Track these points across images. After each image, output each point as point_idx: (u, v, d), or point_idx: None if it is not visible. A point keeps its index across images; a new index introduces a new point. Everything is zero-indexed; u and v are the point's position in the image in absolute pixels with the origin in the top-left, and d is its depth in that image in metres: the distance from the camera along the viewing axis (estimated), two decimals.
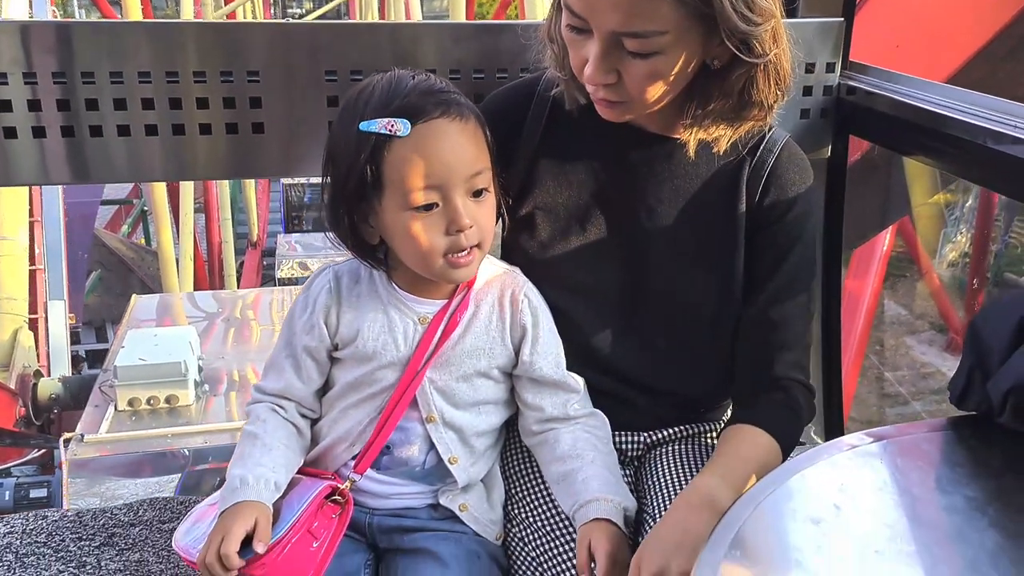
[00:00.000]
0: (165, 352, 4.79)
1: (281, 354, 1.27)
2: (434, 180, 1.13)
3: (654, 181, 1.30)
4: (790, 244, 1.29)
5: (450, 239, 1.16)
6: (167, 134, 1.51)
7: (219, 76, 1.50)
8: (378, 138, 1.13)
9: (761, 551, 0.79)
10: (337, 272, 1.27)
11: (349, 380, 1.25)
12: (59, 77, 1.45)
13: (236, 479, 1.17)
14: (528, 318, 1.27)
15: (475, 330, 1.25)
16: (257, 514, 1.13)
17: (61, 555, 1.46)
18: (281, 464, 1.20)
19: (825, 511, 0.82)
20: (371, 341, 1.22)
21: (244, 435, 1.25)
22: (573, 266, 1.34)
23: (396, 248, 1.21)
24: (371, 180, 1.14)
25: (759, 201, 1.29)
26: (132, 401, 4.69)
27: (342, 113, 1.19)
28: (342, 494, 1.23)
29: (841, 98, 1.73)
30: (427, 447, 1.26)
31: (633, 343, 1.36)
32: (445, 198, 1.15)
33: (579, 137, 1.32)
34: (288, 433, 1.25)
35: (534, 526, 1.29)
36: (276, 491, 1.18)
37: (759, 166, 1.29)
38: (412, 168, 1.13)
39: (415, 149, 1.13)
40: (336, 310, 1.24)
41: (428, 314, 1.24)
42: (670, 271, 1.32)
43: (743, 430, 1.25)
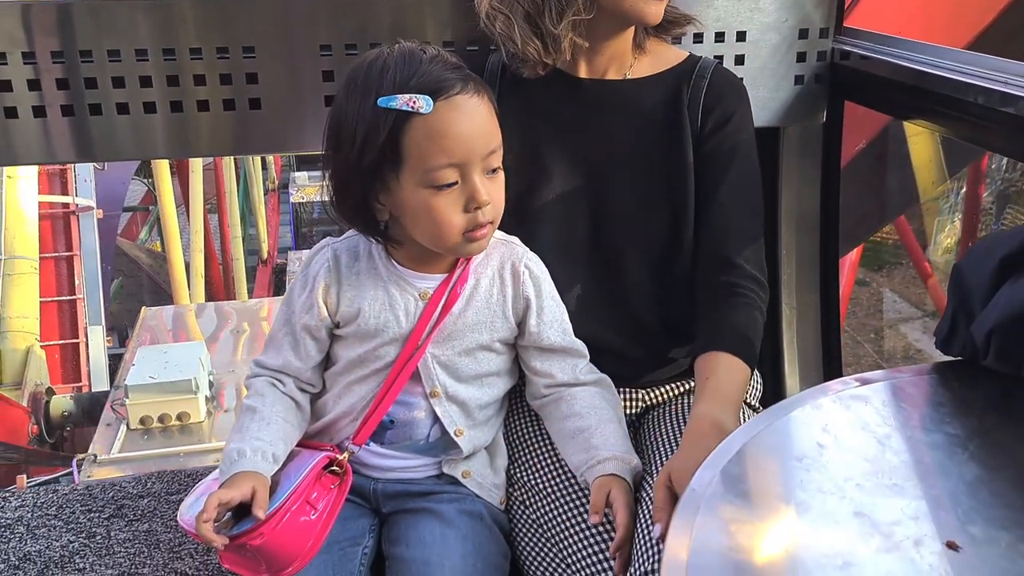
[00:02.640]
0: (176, 369, 4.82)
1: (280, 331, 1.28)
2: (455, 158, 1.13)
3: (606, 123, 1.38)
4: (731, 154, 1.37)
5: (468, 216, 1.17)
6: (166, 111, 1.53)
7: (215, 52, 1.52)
8: (399, 115, 1.11)
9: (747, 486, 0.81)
10: (336, 250, 1.27)
11: (352, 357, 1.26)
12: (57, 56, 1.48)
13: (234, 452, 1.18)
14: (531, 289, 1.28)
15: (476, 304, 1.26)
16: (254, 483, 1.14)
17: (71, 526, 1.49)
18: (279, 437, 1.22)
19: (808, 449, 0.84)
20: (372, 319, 1.23)
21: (243, 409, 1.26)
22: (543, 220, 1.38)
23: (410, 225, 1.19)
24: (390, 157, 1.13)
25: (702, 122, 1.37)
26: (144, 419, 4.73)
27: (350, 87, 1.16)
28: (340, 464, 1.24)
29: (835, 63, 1.73)
30: (431, 421, 1.28)
31: (609, 289, 1.41)
32: (464, 176, 1.15)
33: (534, 103, 1.38)
34: (286, 407, 1.26)
35: (536, 488, 1.31)
36: (274, 463, 1.19)
37: (696, 91, 1.38)
38: (434, 146, 1.12)
39: (437, 126, 1.11)
40: (336, 289, 1.24)
41: (428, 289, 1.25)
42: (630, 207, 1.39)
43: (718, 358, 1.28)
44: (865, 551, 0.71)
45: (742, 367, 1.28)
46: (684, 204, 1.39)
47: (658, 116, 1.39)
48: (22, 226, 7.56)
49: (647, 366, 1.46)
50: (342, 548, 1.25)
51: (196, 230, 9.81)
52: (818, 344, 1.96)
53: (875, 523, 0.74)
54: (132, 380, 4.76)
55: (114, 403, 5.00)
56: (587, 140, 1.40)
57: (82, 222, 8.02)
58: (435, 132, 1.11)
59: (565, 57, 1.33)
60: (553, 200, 1.40)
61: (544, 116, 1.40)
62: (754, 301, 1.35)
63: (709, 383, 1.26)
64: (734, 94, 1.40)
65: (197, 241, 9.79)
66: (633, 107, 1.40)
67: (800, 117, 1.77)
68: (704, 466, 0.79)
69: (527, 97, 1.40)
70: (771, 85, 1.73)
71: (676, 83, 1.39)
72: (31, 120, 1.49)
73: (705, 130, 1.37)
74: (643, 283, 1.42)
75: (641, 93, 1.40)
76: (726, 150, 1.38)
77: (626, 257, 1.41)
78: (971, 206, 6.16)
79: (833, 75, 1.74)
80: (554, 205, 1.40)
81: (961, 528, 0.72)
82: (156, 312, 7.20)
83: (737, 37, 1.68)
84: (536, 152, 1.40)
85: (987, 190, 8.13)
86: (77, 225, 7.98)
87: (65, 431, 6.83)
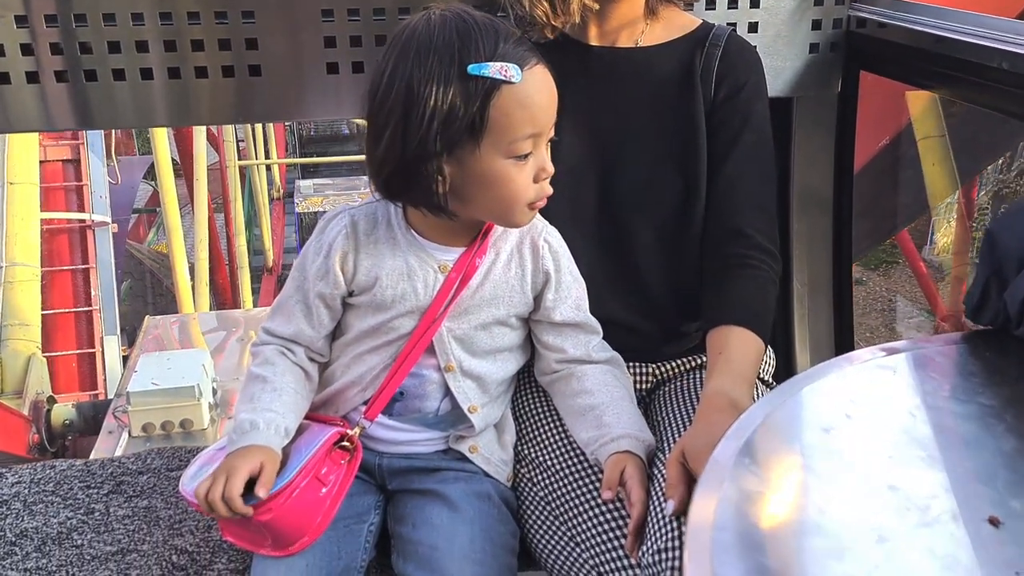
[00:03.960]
0: (178, 375, 4.73)
1: (292, 299, 1.24)
2: (536, 128, 1.12)
3: (618, 91, 1.36)
4: (743, 123, 1.34)
5: (537, 187, 1.16)
6: (163, 78, 1.49)
7: (213, 17, 1.47)
8: (492, 83, 1.08)
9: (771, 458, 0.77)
10: (354, 216, 1.23)
11: (364, 327, 1.23)
12: (51, 21, 1.43)
13: (246, 422, 1.15)
14: (551, 263, 1.26)
15: (494, 278, 1.23)
16: (264, 458, 1.11)
17: (69, 502, 1.46)
18: (291, 409, 1.19)
19: (836, 420, 0.80)
20: (390, 289, 1.20)
21: (251, 377, 1.22)
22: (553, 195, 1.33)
23: (476, 196, 1.14)
24: (478, 126, 1.09)
25: (715, 90, 1.34)
26: (146, 427, 4.65)
27: (416, 53, 1.09)
28: (351, 440, 1.21)
29: (851, 31, 1.68)
30: (441, 394, 1.25)
31: (618, 262, 1.38)
32: (536, 146, 1.14)
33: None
34: (296, 377, 1.22)
35: (544, 465, 1.28)
36: (285, 437, 1.16)
37: (710, 58, 1.35)
38: (521, 115, 1.10)
39: (525, 96, 1.10)
40: (353, 256, 1.21)
41: (448, 262, 1.21)
42: (640, 175, 1.36)
43: (730, 332, 1.25)
44: (901, 526, 0.67)
45: (755, 340, 1.25)
46: (696, 174, 1.35)
47: (670, 84, 1.36)
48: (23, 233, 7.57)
49: (657, 340, 1.43)
50: (347, 524, 1.22)
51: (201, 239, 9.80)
52: (830, 321, 1.93)
53: (910, 496, 0.70)
54: (134, 387, 4.68)
55: (116, 410, 4.94)
56: (597, 109, 1.37)
57: (98, 235, 8.14)
58: (524, 101, 1.10)
59: (574, 19, 1.30)
60: (561, 171, 1.35)
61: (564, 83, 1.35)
62: (766, 273, 1.31)
63: (721, 358, 1.23)
64: (748, 62, 1.37)
65: (202, 251, 9.77)
66: (645, 75, 1.36)
67: (814, 87, 1.73)
68: (727, 437, 0.75)
69: None
70: (785, 54, 1.68)
71: (689, 51, 1.37)
72: (24, 86, 1.44)
73: (718, 98, 1.35)
74: (653, 256, 1.39)
75: (653, 61, 1.37)
76: (739, 119, 1.35)
77: (636, 229, 1.38)
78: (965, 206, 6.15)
79: (849, 43, 1.70)
80: (562, 176, 1.35)
81: (1001, 502, 0.69)
82: (159, 321, 7.17)
83: (751, 3, 1.64)
84: None
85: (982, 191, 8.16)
86: (93, 239, 8.09)
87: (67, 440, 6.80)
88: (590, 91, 1.37)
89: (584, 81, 1.36)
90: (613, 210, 1.38)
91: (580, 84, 1.36)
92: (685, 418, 1.30)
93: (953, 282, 6.24)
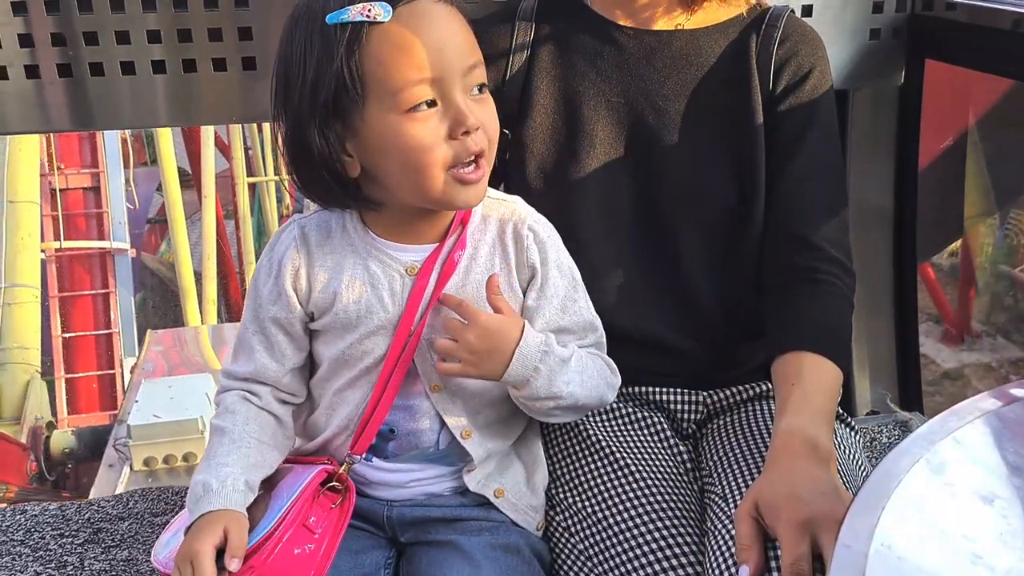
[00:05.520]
0: (181, 407, 4.63)
1: (248, 330, 1.07)
2: (428, 71, 0.94)
3: (657, 80, 1.21)
4: (809, 116, 1.19)
5: (455, 145, 0.96)
6: (146, 73, 1.33)
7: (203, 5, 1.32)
8: (352, 28, 0.92)
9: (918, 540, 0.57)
10: (303, 226, 1.06)
11: (334, 355, 1.05)
12: (52, 8, 1.29)
13: (199, 485, 0.98)
14: (536, 256, 1.07)
15: (475, 276, 1.04)
16: (226, 523, 0.95)
17: (39, 554, 1.29)
18: (253, 462, 1.02)
19: (998, 486, 0.60)
20: (352, 304, 1.02)
21: (211, 431, 1.06)
22: (583, 191, 1.21)
23: (384, 171, 0.98)
24: (349, 83, 0.93)
25: (775, 78, 1.20)
26: (148, 461, 4.55)
27: (292, 25, 0.98)
28: (340, 479, 1.04)
29: (916, 14, 1.53)
30: (438, 424, 1.07)
31: (661, 274, 1.22)
32: (443, 95, 0.95)
33: (572, 50, 1.23)
34: (261, 425, 1.05)
35: (582, 513, 1.10)
36: (248, 491, 0.99)
37: (767, 42, 1.20)
38: (400, 57, 0.93)
39: (401, 35, 0.93)
40: (306, 271, 1.04)
41: (416, 263, 1.03)
42: (686, 174, 1.21)
43: (802, 359, 1.07)
44: None
45: (832, 370, 1.08)
46: (752, 174, 1.19)
47: (720, 72, 1.20)
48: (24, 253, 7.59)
49: (708, 365, 1.25)
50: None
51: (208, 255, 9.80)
52: (891, 338, 1.76)
53: None
54: (135, 419, 4.59)
55: (117, 442, 4.81)
56: (633, 99, 1.21)
57: (117, 261, 8.39)
58: (399, 41, 0.93)
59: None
60: (596, 169, 1.21)
61: (586, 72, 1.22)
62: (839, 288, 1.15)
63: (795, 390, 1.05)
64: (811, 46, 1.21)
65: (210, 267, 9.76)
66: (690, 61, 1.21)
67: (875, 78, 1.57)
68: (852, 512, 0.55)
69: (566, 49, 1.22)
70: (842, 41, 1.53)
71: (742, 34, 1.21)
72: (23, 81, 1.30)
73: (778, 88, 1.19)
74: (702, 267, 1.21)
75: (699, 45, 1.21)
76: (804, 112, 1.19)
77: (682, 236, 1.21)
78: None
79: (913, 28, 1.54)
80: (597, 174, 1.21)
81: None
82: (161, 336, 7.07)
83: None
84: (576, 112, 1.21)
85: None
86: (113, 264, 8.33)
87: (67, 468, 6.70)
88: (624, 79, 1.21)
89: (616, 67, 1.21)
90: (655, 213, 1.21)
91: (612, 70, 1.21)
92: (745, 461, 1.11)
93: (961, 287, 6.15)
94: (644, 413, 1.22)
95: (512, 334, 1.00)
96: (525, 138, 1.22)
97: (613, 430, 1.19)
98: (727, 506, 1.04)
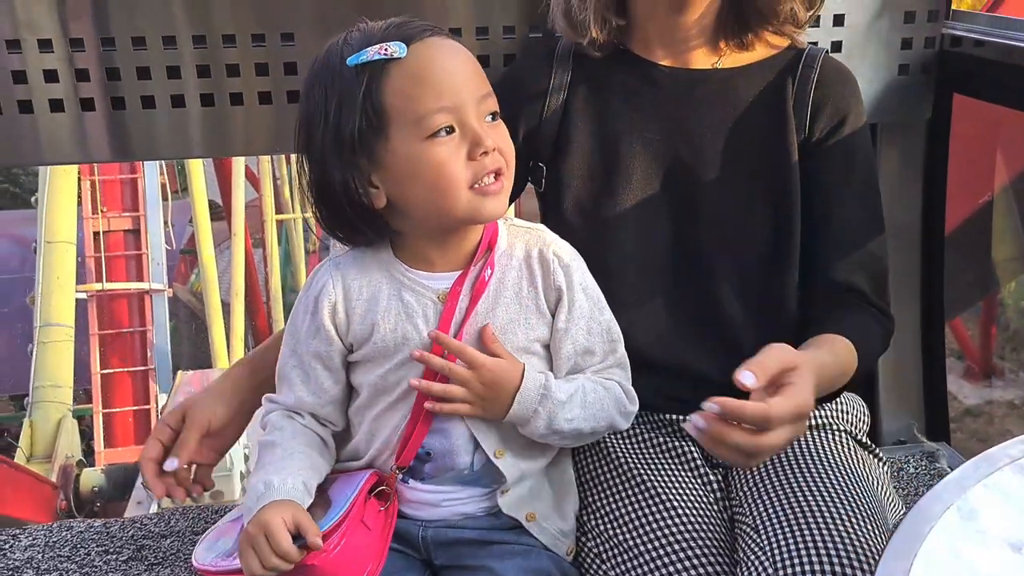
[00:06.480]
0: None
1: (287, 364, 1.12)
2: (446, 100, 1.00)
3: (694, 118, 1.23)
4: (849, 160, 1.22)
5: (474, 165, 1.01)
6: (195, 106, 1.38)
7: (251, 40, 1.37)
8: (373, 67, 0.99)
9: None
10: (338, 264, 1.11)
11: (373, 382, 1.09)
12: (108, 44, 1.34)
13: (260, 484, 1.02)
14: (562, 277, 1.10)
15: (505, 300, 1.09)
16: (292, 509, 0.98)
17: (86, 571, 1.33)
18: (307, 467, 1.06)
19: None
20: (389, 333, 1.07)
21: (261, 446, 1.10)
22: (619, 227, 1.23)
23: (411, 197, 1.03)
24: (373, 117, 0.99)
25: (812, 121, 1.22)
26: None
27: (313, 77, 1.04)
28: (388, 483, 1.09)
29: (945, 50, 1.54)
30: (472, 445, 1.10)
31: (696, 308, 1.24)
32: (460, 121, 1.01)
33: (609, 88, 1.25)
34: (309, 440, 1.10)
35: (614, 540, 1.12)
36: (307, 493, 1.03)
37: (803, 84, 1.22)
38: (419, 88, 0.99)
39: (418, 68, 1.00)
40: (344, 306, 1.09)
41: (445, 290, 1.08)
42: (723, 212, 1.23)
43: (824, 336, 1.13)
44: None
45: (850, 352, 1.13)
46: (788, 211, 1.22)
47: (757, 112, 1.23)
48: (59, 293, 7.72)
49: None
50: None
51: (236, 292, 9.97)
52: (918, 367, 1.76)
53: None
54: None
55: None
56: (669, 136, 1.24)
57: (155, 301, 8.77)
58: (417, 75, 1.00)
59: (593, 35, 1.20)
60: (633, 205, 1.24)
61: (622, 109, 1.25)
62: (879, 319, 1.21)
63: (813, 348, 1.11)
64: (847, 89, 1.24)
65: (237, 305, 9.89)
66: (726, 99, 1.23)
67: (903, 112, 1.59)
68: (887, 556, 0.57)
69: (603, 88, 1.26)
70: (871, 76, 1.54)
71: (778, 74, 1.23)
72: (47, 114, 1.34)
73: (815, 133, 1.22)
74: (737, 302, 1.24)
75: (735, 84, 1.24)
76: (842, 158, 1.22)
77: (717, 271, 1.23)
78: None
79: (942, 64, 1.55)
80: (634, 210, 1.24)
81: None
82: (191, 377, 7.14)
83: (834, 21, 1.51)
84: (613, 148, 1.24)
85: None
86: (151, 304, 8.70)
87: (95, 506, 6.77)
88: (660, 117, 1.24)
89: (653, 104, 1.24)
90: (690, 249, 1.24)
91: (649, 107, 1.23)
92: (776, 490, 1.13)
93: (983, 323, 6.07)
94: (676, 442, 1.24)
95: (513, 379, 1.05)
96: (563, 175, 1.25)
97: (645, 458, 1.22)
98: (758, 536, 1.06)
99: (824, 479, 1.12)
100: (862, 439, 1.30)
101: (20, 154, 1.41)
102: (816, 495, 1.09)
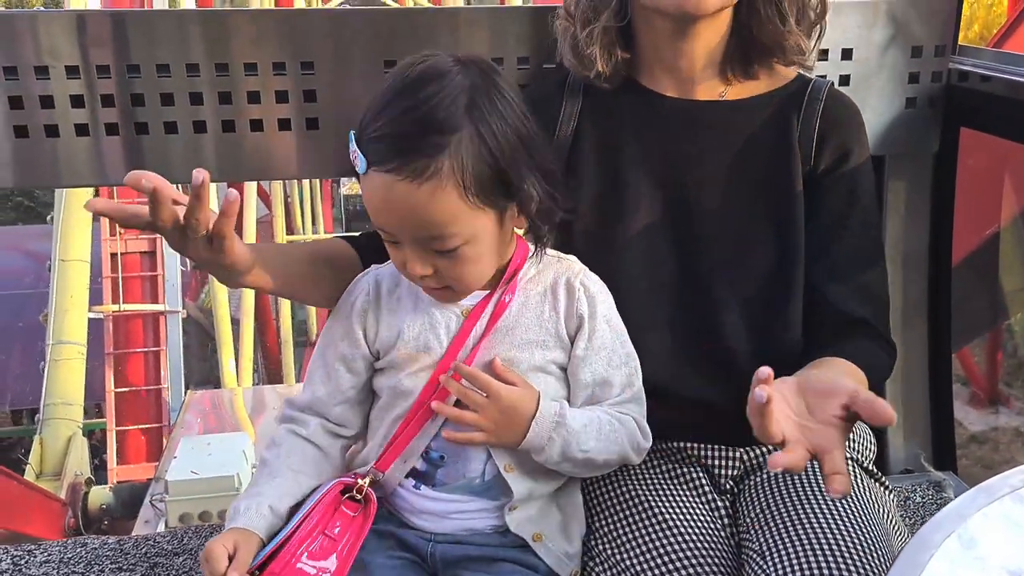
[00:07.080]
0: (218, 463, 4.67)
1: (315, 363, 1.19)
2: (384, 225, 1.06)
3: (699, 148, 1.25)
4: (852, 196, 1.23)
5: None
6: (216, 131, 1.41)
7: (271, 68, 1.40)
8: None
9: None
10: (378, 276, 1.18)
11: (393, 385, 1.14)
12: (133, 71, 1.37)
13: (232, 509, 1.10)
14: (585, 306, 1.14)
15: (525, 320, 1.13)
16: (236, 539, 1.04)
17: None
18: (284, 491, 1.11)
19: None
20: (412, 340, 1.13)
21: (259, 461, 1.19)
22: (625, 255, 1.25)
23: None
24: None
25: (816, 152, 1.23)
26: (183, 517, 4.57)
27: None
28: (359, 490, 1.11)
29: (952, 85, 1.56)
30: (485, 454, 1.13)
31: (701, 335, 1.25)
32: (398, 243, 1.07)
33: (618, 119, 1.27)
34: (302, 456, 1.15)
35: (620, 566, 1.13)
36: (272, 516, 1.09)
37: (808, 116, 1.24)
38: (369, 203, 1.06)
39: (368, 188, 1.04)
40: (375, 314, 1.15)
41: (470, 307, 1.13)
42: (728, 241, 1.25)
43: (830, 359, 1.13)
44: None
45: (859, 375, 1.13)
46: (792, 240, 1.23)
47: (761, 144, 1.25)
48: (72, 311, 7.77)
49: (745, 422, 1.27)
50: None
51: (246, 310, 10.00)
52: (925, 396, 1.77)
53: None
54: (173, 475, 4.62)
55: (153, 498, 4.85)
56: (674, 166, 1.26)
57: (169, 321, 8.91)
58: (367, 192, 1.05)
59: (600, 69, 1.22)
60: (638, 233, 1.26)
61: (629, 139, 1.27)
62: (883, 349, 1.22)
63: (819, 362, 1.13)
64: (852, 123, 1.26)
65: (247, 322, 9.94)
66: (732, 131, 1.25)
67: (910, 145, 1.60)
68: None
69: (611, 118, 1.28)
70: (879, 109, 1.56)
71: (784, 106, 1.25)
72: (74, 139, 1.38)
73: (820, 166, 1.24)
74: (741, 329, 1.25)
75: (742, 115, 1.26)
76: (845, 194, 1.24)
77: (721, 299, 1.25)
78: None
79: (949, 98, 1.57)
80: (640, 239, 1.26)
81: None
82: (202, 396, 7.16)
83: (842, 55, 1.53)
84: (620, 179, 1.27)
85: None
86: (165, 325, 8.86)
87: (103, 524, 6.80)
88: (666, 147, 1.26)
89: (659, 135, 1.26)
90: (695, 277, 1.26)
91: (655, 138, 1.26)
92: (782, 516, 1.14)
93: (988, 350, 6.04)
94: (684, 468, 1.26)
95: (529, 407, 1.08)
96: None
97: (653, 484, 1.23)
98: (764, 563, 1.07)
99: (830, 507, 1.13)
100: (869, 467, 1.31)
101: (40, 177, 1.44)
102: (822, 523, 1.10)
